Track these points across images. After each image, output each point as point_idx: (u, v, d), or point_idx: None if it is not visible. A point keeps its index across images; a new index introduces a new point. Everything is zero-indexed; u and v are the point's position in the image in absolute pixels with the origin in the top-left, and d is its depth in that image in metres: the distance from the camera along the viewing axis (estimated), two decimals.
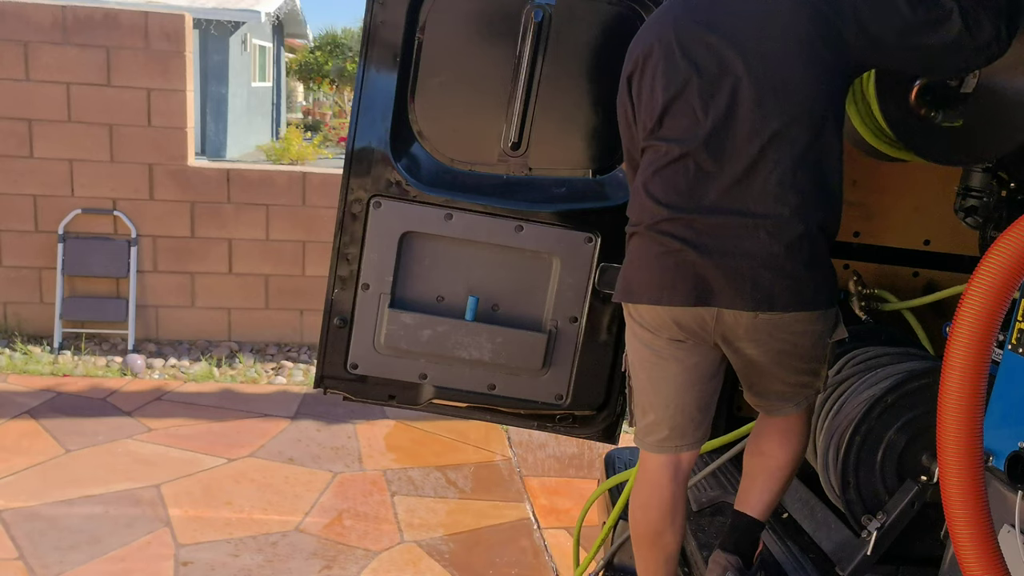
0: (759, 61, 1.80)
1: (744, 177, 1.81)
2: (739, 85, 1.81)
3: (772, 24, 1.80)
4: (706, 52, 1.85)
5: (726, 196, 1.82)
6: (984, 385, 1.30)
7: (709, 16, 1.87)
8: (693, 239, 1.85)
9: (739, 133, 1.81)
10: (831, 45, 1.79)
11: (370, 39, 2.42)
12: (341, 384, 2.64)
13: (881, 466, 2.18)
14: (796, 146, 1.79)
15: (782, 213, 1.79)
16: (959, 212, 2.52)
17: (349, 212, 2.50)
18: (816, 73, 1.79)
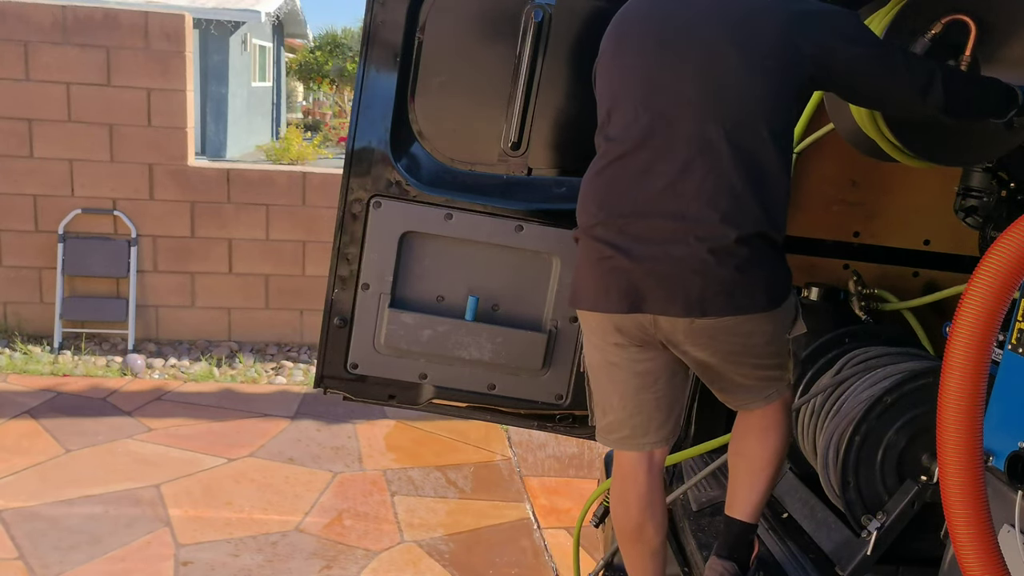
0: (706, 62, 1.77)
1: (677, 180, 1.77)
2: (682, 84, 1.78)
3: (727, 27, 1.77)
4: (656, 48, 1.83)
5: (658, 199, 1.80)
6: (984, 385, 1.30)
7: (669, 11, 1.85)
8: (624, 245, 1.82)
9: (676, 134, 1.78)
10: (785, 58, 1.76)
11: (370, 39, 2.42)
12: (341, 384, 2.64)
13: (881, 466, 2.18)
14: (733, 152, 1.75)
15: (712, 218, 1.75)
16: (959, 212, 2.52)
17: (349, 212, 2.50)
18: (764, 82, 1.76)
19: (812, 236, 2.93)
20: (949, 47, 2.02)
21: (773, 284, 1.86)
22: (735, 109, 1.76)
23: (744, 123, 1.75)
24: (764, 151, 1.77)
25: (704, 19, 1.80)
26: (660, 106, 1.80)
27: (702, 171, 1.76)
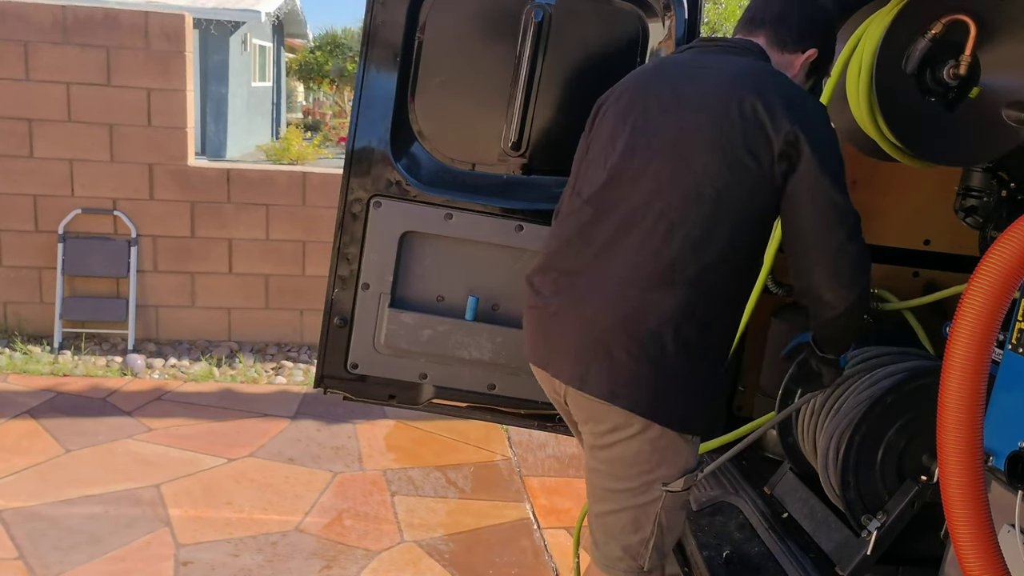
0: (684, 138, 1.71)
1: (612, 244, 1.72)
2: (647, 163, 1.73)
3: (705, 107, 1.70)
4: (639, 115, 1.79)
5: (591, 259, 1.75)
6: (984, 385, 1.30)
7: (662, 82, 1.82)
8: (549, 296, 1.80)
9: (628, 207, 1.73)
10: (752, 155, 1.66)
11: (370, 39, 2.42)
12: (341, 384, 2.65)
13: (881, 466, 2.18)
14: (677, 241, 1.67)
15: (631, 294, 1.68)
16: (959, 212, 2.52)
17: (349, 212, 2.50)
18: (726, 174, 1.67)
19: None
20: (949, 47, 2.02)
21: (667, 395, 1.69)
22: (689, 202, 1.68)
23: (693, 209, 1.68)
24: (711, 245, 1.68)
25: (692, 93, 1.75)
26: (614, 169, 1.77)
27: (638, 248, 1.70)
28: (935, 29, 2.00)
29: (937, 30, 2.00)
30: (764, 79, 1.71)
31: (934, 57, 2.05)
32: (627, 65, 2.54)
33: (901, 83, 2.08)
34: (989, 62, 2.03)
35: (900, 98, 2.09)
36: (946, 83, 2.05)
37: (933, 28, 2.00)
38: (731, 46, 1.82)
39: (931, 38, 2.01)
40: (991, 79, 2.03)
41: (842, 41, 2.26)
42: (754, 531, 2.40)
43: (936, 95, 2.08)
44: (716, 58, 1.80)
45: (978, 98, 2.04)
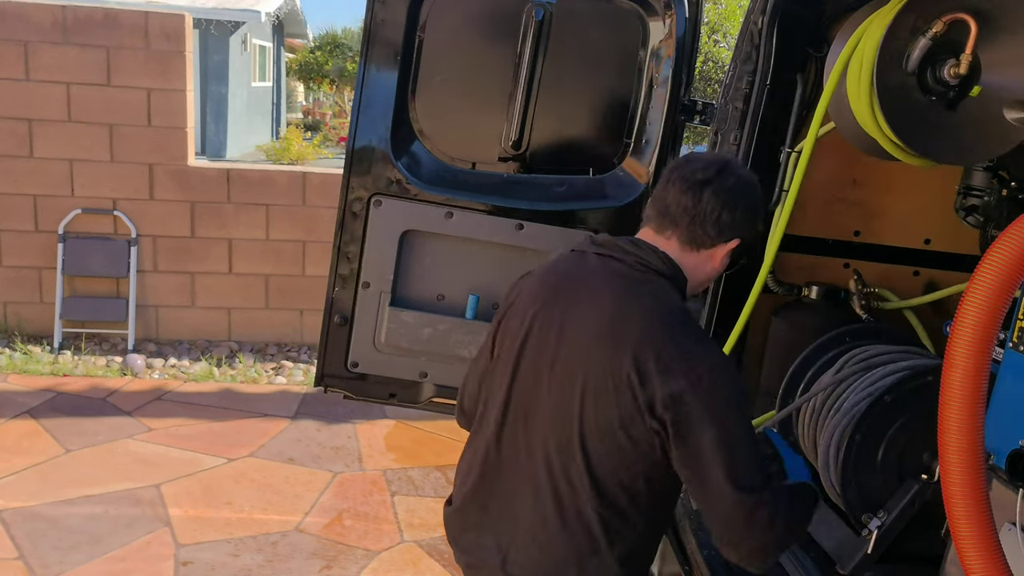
0: (575, 398, 1.53)
1: (517, 513, 1.60)
2: (546, 406, 1.57)
3: (601, 368, 1.50)
4: (550, 353, 1.59)
5: (496, 523, 1.64)
6: (985, 384, 1.29)
7: (554, 314, 1.60)
8: (463, 550, 1.72)
9: (532, 460, 1.59)
10: (624, 431, 1.49)
11: (371, 38, 2.43)
12: (341, 382, 2.65)
13: (882, 464, 2.18)
14: (581, 510, 1.54)
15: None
16: (960, 211, 2.52)
17: (350, 210, 2.50)
18: (618, 447, 1.50)
19: (813, 235, 2.93)
20: (950, 46, 2.02)
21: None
22: (581, 460, 1.53)
23: (591, 480, 1.53)
24: (614, 518, 1.54)
25: (585, 326, 1.55)
26: (519, 419, 1.61)
27: (541, 518, 1.57)
28: (936, 28, 2.00)
29: (938, 29, 2.00)
30: (649, 332, 1.49)
31: (935, 56, 2.04)
32: (627, 64, 2.54)
33: (902, 82, 2.08)
34: (990, 61, 2.02)
35: (901, 97, 2.08)
36: (947, 82, 2.04)
37: (934, 27, 2.00)
38: (639, 267, 1.58)
39: (932, 37, 2.01)
40: (992, 78, 2.03)
41: (842, 40, 2.26)
42: None
43: (937, 94, 2.08)
44: (608, 284, 1.57)
45: (979, 97, 2.03)
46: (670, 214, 1.62)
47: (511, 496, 1.62)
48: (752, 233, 1.67)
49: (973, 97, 2.04)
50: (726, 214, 1.59)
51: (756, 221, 1.67)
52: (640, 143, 2.58)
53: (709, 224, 1.60)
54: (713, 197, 1.59)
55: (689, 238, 1.61)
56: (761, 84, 2.64)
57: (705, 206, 1.59)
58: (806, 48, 2.70)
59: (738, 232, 1.63)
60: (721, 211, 1.59)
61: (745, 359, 2.99)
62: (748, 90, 2.67)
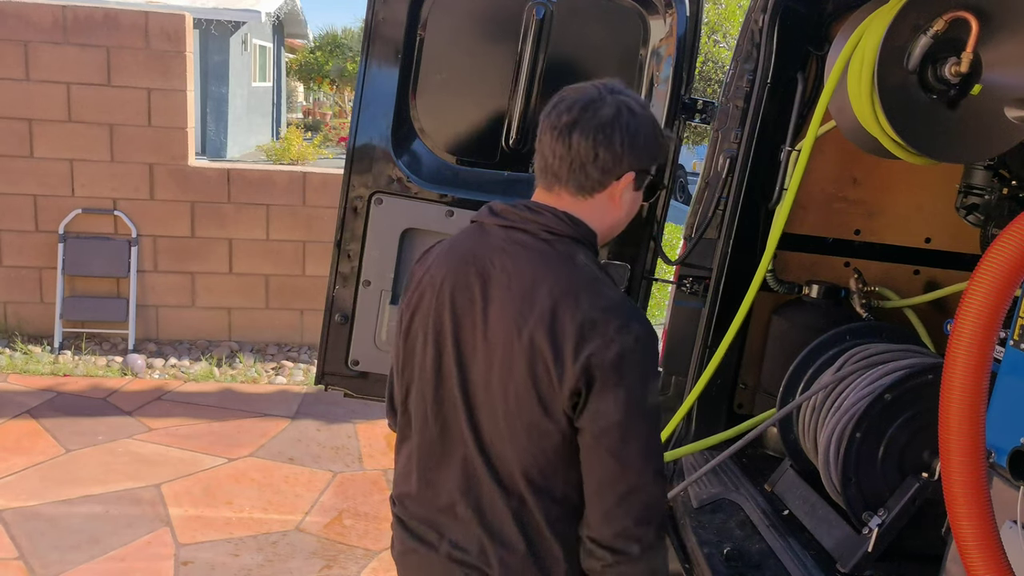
0: (486, 382, 1.47)
1: (453, 498, 1.54)
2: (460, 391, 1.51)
3: (508, 327, 1.44)
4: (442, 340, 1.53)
5: (436, 508, 1.57)
6: (986, 382, 1.29)
7: (454, 289, 1.52)
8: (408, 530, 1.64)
9: (456, 447, 1.53)
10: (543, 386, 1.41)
11: (372, 36, 2.42)
12: (342, 380, 2.65)
13: (882, 463, 2.18)
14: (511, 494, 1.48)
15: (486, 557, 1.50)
16: (960, 210, 2.52)
17: (350, 208, 2.50)
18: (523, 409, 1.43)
19: (813, 234, 2.93)
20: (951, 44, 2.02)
21: None
22: (503, 445, 1.48)
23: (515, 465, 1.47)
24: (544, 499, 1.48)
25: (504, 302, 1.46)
26: (440, 406, 1.55)
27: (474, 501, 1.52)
28: (937, 26, 2.00)
29: (939, 27, 2.00)
30: (562, 301, 1.41)
31: (936, 54, 2.04)
32: (628, 62, 2.54)
33: (903, 80, 2.08)
34: (991, 59, 2.02)
35: (902, 95, 2.08)
36: (948, 80, 2.05)
37: (935, 25, 2.00)
38: (533, 231, 1.48)
39: (933, 35, 2.01)
40: (993, 76, 2.03)
41: (843, 39, 2.26)
42: (755, 528, 2.40)
43: (938, 92, 2.08)
44: (516, 259, 1.48)
45: (980, 95, 2.03)
46: (550, 168, 1.49)
47: (446, 478, 1.54)
48: (648, 156, 1.51)
49: (974, 95, 2.04)
50: (603, 152, 1.44)
51: (646, 145, 1.49)
52: None
53: (590, 167, 1.46)
54: (583, 138, 1.44)
55: (576, 188, 1.48)
56: (762, 82, 2.64)
57: (578, 149, 1.45)
58: (807, 46, 2.71)
59: (629, 164, 1.47)
60: (596, 150, 1.44)
61: (745, 357, 2.99)
62: (749, 88, 2.67)
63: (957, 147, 2.14)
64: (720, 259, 2.74)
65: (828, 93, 2.28)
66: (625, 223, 1.58)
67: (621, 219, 1.56)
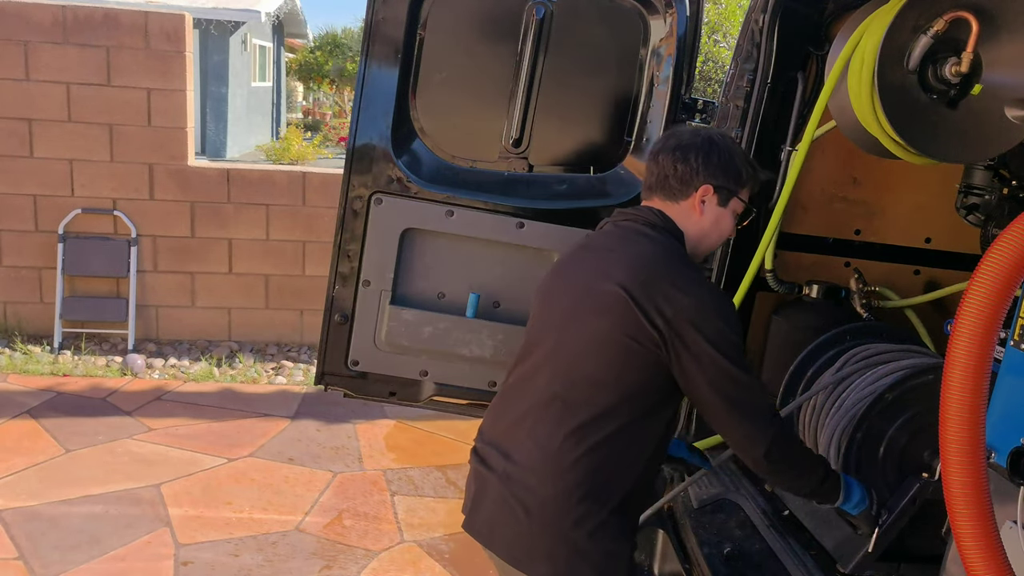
0: (572, 323, 1.79)
1: (521, 421, 1.80)
2: (551, 337, 1.82)
3: (598, 292, 1.75)
4: (558, 295, 1.87)
5: (504, 432, 1.85)
6: (987, 382, 1.29)
7: (576, 262, 1.90)
8: (481, 458, 1.92)
9: (534, 382, 1.82)
10: (639, 340, 1.69)
11: (372, 36, 2.42)
12: (342, 381, 2.65)
13: (882, 463, 2.18)
14: (563, 416, 1.73)
15: (521, 463, 1.77)
16: (961, 210, 2.52)
17: (350, 208, 2.50)
18: (609, 357, 1.72)
19: (814, 233, 2.93)
20: (951, 44, 2.02)
21: (556, 561, 1.73)
22: (575, 375, 1.75)
23: (587, 392, 1.73)
24: (608, 430, 1.72)
25: (590, 274, 1.81)
26: (534, 352, 1.86)
27: (534, 424, 1.78)
28: (937, 26, 2.00)
29: (939, 27, 2.00)
30: (647, 270, 1.73)
31: (936, 54, 2.04)
32: (628, 62, 2.54)
33: (903, 80, 2.08)
34: (991, 59, 2.02)
35: (902, 95, 2.08)
36: (948, 80, 2.04)
37: (935, 25, 2.00)
38: (633, 220, 1.88)
39: (933, 35, 2.01)
40: (993, 76, 2.03)
41: (843, 39, 2.26)
42: (755, 528, 2.40)
43: (938, 92, 2.08)
44: (616, 242, 1.86)
45: (980, 95, 2.03)
46: (647, 182, 1.93)
47: (520, 416, 1.81)
48: (724, 175, 1.86)
49: (974, 95, 2.04)
50: (680, 166, 1.86)
51: (720, 164, 1.86)
52: (641, 141, 2.58)
53: (671, 179, 1.87)
54: (666, 157, 1.88)
55: (663, 195, 1.89)
56: (762, 82, 2.64)
57: (662, 166, 1.88)
58: (807, 46, 2.71)
59: (704, 178, 1.85)
60: (675, 164, 1.86)
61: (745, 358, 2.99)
62: (749, 88, 2.67)
63: (957, 147, 2.14)
64: (720, 259, 2.74)
65: (826, 93, 2.28)
66: (714, 237, 1.92)
67: (707, 229, 1.89)
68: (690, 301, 1.68)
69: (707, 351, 1.67)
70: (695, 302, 1.69)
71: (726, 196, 1.88)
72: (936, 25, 2.00)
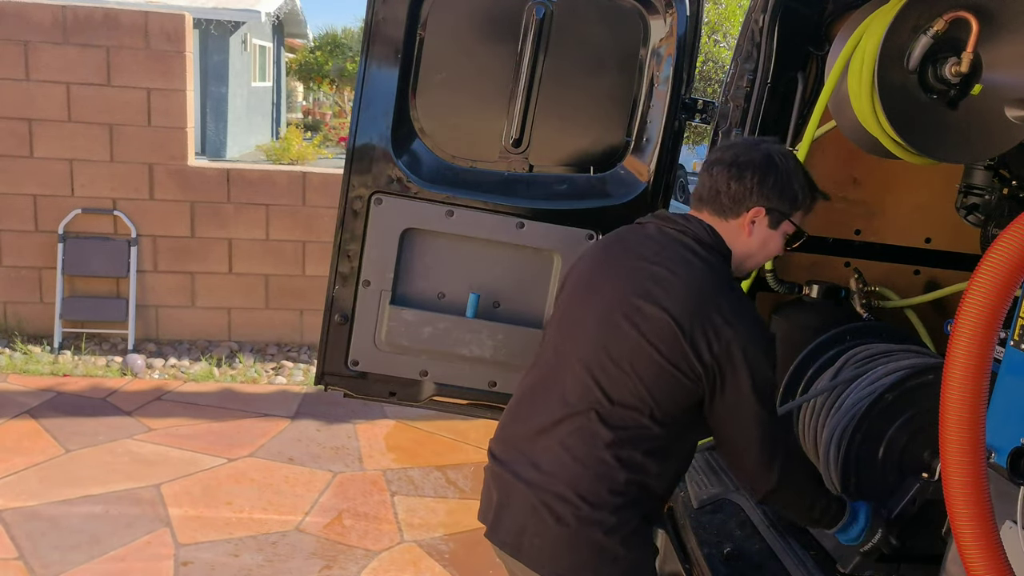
0: (611, 333, 1.73)
1: (551, 429, 1.75)
2: (584, 341, 1.77)
3: (643, 311, 1.70)
4: (593, 295, 1.81)
5: (531, 439, 1.79)
6: (986, 382, 1.29)
7: (615, 263, 1.82)
8: (500, 461, 1.85)
9: (566, 386, 1.77)
10: (683, 371, 1.68)
11: (372, 35, 2.42)
12: (342, 381, 2.64)
13: (882, 463, 2.18)
14: (606, 431, 1.70)
15: (555, 473, 1.72)
16: (961, 210, 2.52)
17: (350, 209, 2.50)
18: (651, 381, 1.68)
19: (814, 233, 2.93)
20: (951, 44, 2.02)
21: (588, 569, 1.72)
22: (613, 391, 1.71)
23: (620, 409, 1.70)
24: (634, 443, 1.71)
25: (633, 281, 1.76)
26: (562, 352, 1.81)
27: (567, 433, 1.73)
28: (937, 26, 2.00)
29: (939, 27, 1.99)
30: (696, 299, 1.69)
31: (936, 54, 2.04)
32: (628, 62, 2.54)
33: (903, 80, 2.08)
34: (991, 59, 2.02)
35: (902, 95, 2.08)
36: (948, 80, 2.04)
37: (935, 25, 2.00)
38: (682, 233, 1.80)
39: (933, 35, 2.01)
40: (993, 76, 2.02)
41: (843, 39, 2.26)
42: (755, 529, 2.40)
43: (938, 92, 2.07)
44: (662, 255, 1.77)
45: (980, 95, 2.03)
46: (698, 192, 1.86)
47: (550, 424, 1.75)
48: (779, 198, 1.80)
49: (974, 95, 2.04)
50: (735, 184, 1.79)
51: (776, 187, 1.79)
52: (641, 141, 2.58)
53: (723, 195, 1.80)
54: (723, 171, 1.81)
55: (713, 210, 1.83)
56: (762, 82, 2.64)
57: (717, 179, 1.81)
58: (807, 46, 2.70)
59: (758, 200, 1.78)
60: (729, 182, 1.79)
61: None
62: (749, 88, 2.67)
63: (957, 147, 2.14)
64: None
65: (826, 93, 2.28)
66: (760, 258, 1.88)
67: (753, 250, 1.85)
68: (735, 335, 1.65)
69: (743, 392, 1.67)
70: (740, 338, 1.66)
71: (777, 219, 1.82)
72: (936, 25, 2.00)
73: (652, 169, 2.55)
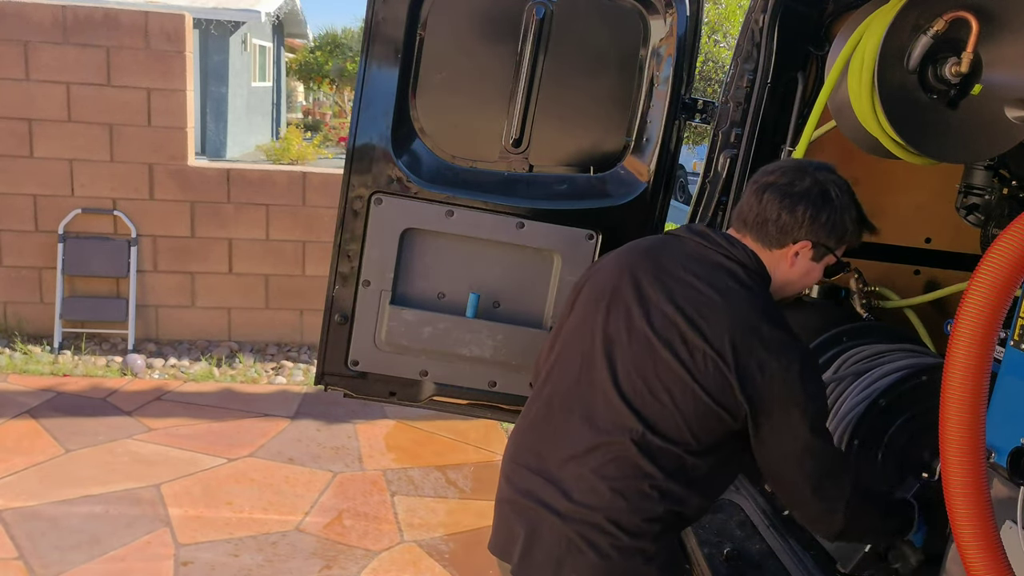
0: (646, 358, 1.65)
1: (583, 457, 1.67)
2: (615, 362, 1.68)
3: (685, 340, 1.63)
4: (622, 309, 1.71)
5: (560, 465, 1.71)
6: (987, 382, 1.29)
7: (647, 279, 1.72)
8: (513, 484, 1.78)
9: (596, 410, 1.68)
10: (727, 408, 1.61)
11: (372, 35, 2.42)
12: (342, 381, 2.65)
13: (883, 462, 2.18)
14: (646, 462, 1.62)
15: (590, 504, 1.64)
16: (961, 210, 2.52)
17: (350, 209, 2.50)
18: (691, 414, 1.62)
19: None
20: (951, 44, 2.02)
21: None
22: (652, 421, 1.64)
23: (659, 440, 1.64)
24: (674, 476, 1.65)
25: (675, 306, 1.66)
26: (587, 370, 1.73)
27: (602, 462, 1.66)
28: (937, 26, 2.00)
29: (939, 27, 2.00)
30: (740, 330, 1.61)
31: (936, 54, 2.04)
32: (628, 62, 2.54)
33: (903, 80, 2.08)
34: (991, 59, 2.02)
35: (902, 95, 2.08)
36: (948, 80, 2.05)
37: (935, 25, 2.00)
38: (727, 257, 1.72)
39: (933, 35, 2.01)
40: (993, 76, 2.03)
41: (843, 39, 2.26)
42: (755, 529, 2.40)
43: (938, 92, 2.08)
44: (701, 277, 1.69)
45: (980, 95, 2.03)
46: (742, 214, 1.77)
47: (582, 450, 1.67)
48: (828, 234, 1.72)
49: (974, 95, 2.04)
50: (786, 215, 1.70)
51: (827, 223, 1.71)
52: (641, 141, 2.58)
53: (771, 225, 1.72)
54: (774, 198, 1.71)
55: (758, 237, 1.74)
56: (762, 82, 2.64)
57: (766, 206, 1.72)
58: (807, 46, 2.71)
59: (806, 234, 1.71)
60: (780, 212, 1.70)
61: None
62: (749, 88, 2.67)
63: (957, 147, 2.14)
64: None
65: (825, 93, 2.28)
66: (798, 287, 1.81)
67: (792, 281, 1.78)
68: (780, 367, 1.58)
69: (791, 423, 1.59)
70: (785, 369, 1.58)
71: (823, 253, 1.76)
72: (936, 25, 2.00)
73: (652, 169, 2.55)
